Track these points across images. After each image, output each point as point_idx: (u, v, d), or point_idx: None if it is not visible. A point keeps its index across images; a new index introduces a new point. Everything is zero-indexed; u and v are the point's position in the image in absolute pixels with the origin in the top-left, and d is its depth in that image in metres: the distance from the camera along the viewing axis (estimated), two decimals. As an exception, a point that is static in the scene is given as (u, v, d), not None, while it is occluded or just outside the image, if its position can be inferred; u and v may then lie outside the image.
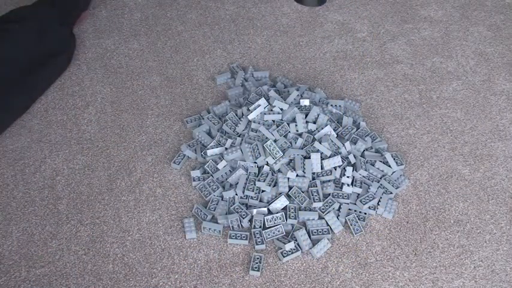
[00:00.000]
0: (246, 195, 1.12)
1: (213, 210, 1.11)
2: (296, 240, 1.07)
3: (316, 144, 1.15)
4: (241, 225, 1.09)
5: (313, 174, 1.15)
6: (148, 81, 1.40)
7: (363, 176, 1.17)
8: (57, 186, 1.16)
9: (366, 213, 1.12)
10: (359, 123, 1.27)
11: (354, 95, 1.40)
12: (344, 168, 1.16)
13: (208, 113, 1.31)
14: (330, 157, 1.16)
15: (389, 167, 1.19)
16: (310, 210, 1.11)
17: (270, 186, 1.12)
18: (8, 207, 1.12)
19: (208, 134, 1.26)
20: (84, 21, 1.55)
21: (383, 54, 1.52)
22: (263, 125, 1.19)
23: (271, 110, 1.21)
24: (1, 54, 1.27)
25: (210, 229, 1.08)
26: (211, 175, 1.16)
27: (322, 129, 1.19)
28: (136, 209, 1.13)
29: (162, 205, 1.13)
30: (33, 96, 1.31)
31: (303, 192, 1.13)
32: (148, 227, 1.09)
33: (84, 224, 1.09)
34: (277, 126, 1.18)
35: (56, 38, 1.38)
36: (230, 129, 1.21)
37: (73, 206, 1.12)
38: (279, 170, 1.14)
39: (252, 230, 1.08)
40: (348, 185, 1.14)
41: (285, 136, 1.18)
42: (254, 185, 1.12)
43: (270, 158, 1.13)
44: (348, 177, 1.15)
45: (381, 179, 1.17)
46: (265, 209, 1.10)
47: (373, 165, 1.19)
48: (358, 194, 1.15)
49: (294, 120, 1.21)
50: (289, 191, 1.13)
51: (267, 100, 1.25)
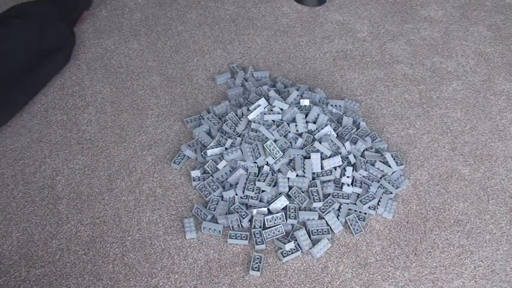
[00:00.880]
0: (246, 195, 1.12)
1: (213, 210, 1.11)
2: (296, 240, 1.07)
3: (316, 144, 1.15)
4: (241, 225, 1.09)
5: (313, 174, 1.15)
6: (148, 81, 1.40)
7: (363, 176, 1.17)
8: (57, 186, 1.16)
9: (365, 213, 1.12)
10: (359, 123, 1.27)
11: (354, 95, 1.40)
12: (344, 168, 1.16)
13: (208, 113, 1.31)
14: (329, 157, 1.16)
15: (389, 167, 1.19)
16: (310, 210, 1.11)
17: (270, 186, 1.12)
18: (8, 207, 1.12)
19: (208, 134, 1.26)
20: (84, 21, 1.55)
21: (383, 54, 1.52)
22: (263, 125, 1.19)
23: (271, 110, 1.21)
24: (2, 50, 1.28)
25: (210, 229, 1.08)
26: (211, 175, 1.16)
27: (322, 129, 1.19)
28: (136, 209, 1.13)
29: (162, 205, 1.13)
30: (32, 93, 1.32)
31: (302, 192, 1.13)
32: (148, 227, 1.09)
33: (84, 224, 1.09)
34: (277, 127, 1.18)
35: (56, 35, 1.38)
36: (230, 129, 1.21)
37: (73, 206, 1.12)
38: (279, 170, 1.15)
39: (252, 230, 1.08)
40: (348, 185, 1.14)
41: (285, 136, 1.18)
42: (254, 185, 1.12)
43: (270, 158, 1.13)
44: (348, 177, 1.15)
45: (381, 179, 1.17)
46: (265, 209, 1.10)
47: (373, 165, 1.19)
48: (358, 194, 1.15)
49: (294, 120, 1.21)
50: (289, 191, 1.13)
51: (267, 100, 1.25)
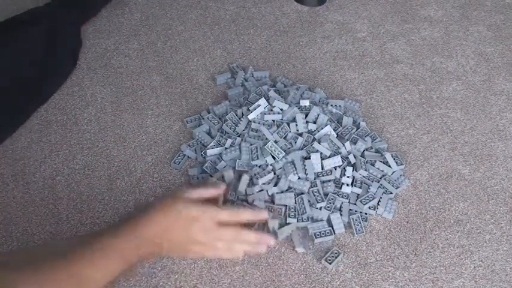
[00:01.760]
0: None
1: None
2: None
3: (315, 144, 1.15)
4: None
5: (314, 174, 1.15)
6: (148, 81, 1.40)
7: (363, 176, 1.17)
8: (57, 186, 1.16)
9: (366, 214, 1.12)
10: (359, 123, 1.27)
11: (354, 95, 1.40)
12: (344, 168, 1.16)
13: (208, 113, 1.31)
14: (329, 157, 1.16)
15: (390, 167, 1.19)
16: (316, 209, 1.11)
17: (269, 184, 1.12)
18: (8, 207, 1.12)
19: (208, 134, 1.26)
20: (85, 21, 1.55)
21: (383, 54, 1.52)
22: (263, 125, 1.19)
23: (271, 110, 1.21)
24: (12, 55, 1.26)
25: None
26: (210, 175, 1.16)
27: (322, 129, 1.19)
28: (136, 209, 1.13)
29: (162, 205, 1.13)
30: (43, 100, 1.31)
31: (303, 193, 1.13)
32: (148, 227, 1.09)
33: (84, 224, 1.09)
34: (278, 127, 1.18)
35: (67, 39, 1.39)
36: (230, 129, 1.21)
37: (73, 206, 1.12)
38: (283, 170, 1.14)
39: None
40: (348, 184, 1.14)
41: (284, 138, 1.18)
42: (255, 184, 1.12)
43: (270, 158, 1.13)
44: (348, 177, 1.15)
45: (381, 179, 1.17)
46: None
47: (373, 165, 1.19)
48: (358, 194, 1.15)
49: (294, 120, 1.21)
50: (288, 190, 1.13)
51: (267, 100, 1.25)
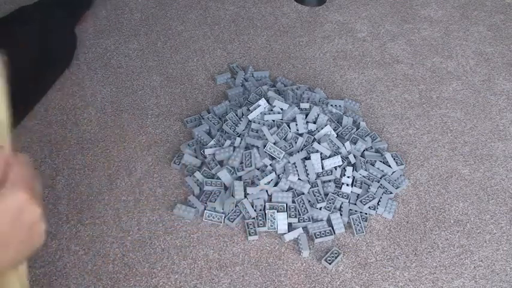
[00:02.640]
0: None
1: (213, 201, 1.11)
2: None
3: (315, 144, 1.15)
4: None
5: (315, 174, 1.15)
6: (148, 81, 1.40)
7: (363, 176, 1.17)
8: (57, 186, 1.16)
9: (366, 214, 1.12)
10: (359, 123, 1.27)
11: (354, 95, 1.40)
12: (344, 168, 1.16)
13: (208, 113, 1.31)
14: (329, 157, 1.16)
15: (390, 167, 1.19)
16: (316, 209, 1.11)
17: (269, 184, 1.12)
18: (8, 207, 1.12)
19: (208, 133, 1.26)
20: (87, 21, 1.55)
21: (383, 54, 1.52)
22: (263, 125, 1.19)
23: (271, 110, 1.21)
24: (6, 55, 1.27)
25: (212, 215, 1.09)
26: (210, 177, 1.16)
27: (322, 129, 1.19)
28: (136, 209, 1.13)
29: (162, 205, 1.13)
30: (36, 99, 1.31)
31: (303, 194, 1.13)
32: (148, 227, 1.09)
33: (84, 224, 1.09)
34: (278, 127, 1.18)
35: (60, 38, 1.38)
36: (230, 129, 1.21)
37: (73, 206, 1.12)
38: (283, 170, 1.14)
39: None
40: (348, 184, 1.14)
41: (284, 139, 1.17)
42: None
43: (267, 160, 1.13)
44: (348, 177, 1.15)
45: (381, 179, 1.17)
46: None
47: (373, 165, 1.19)
48: (358, 194, 1.15)
49: (294, 119, 1.21)
50: (288, 190, 1.13)
51: (267, 100, 1.25)
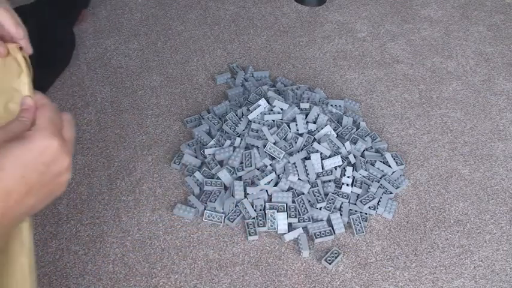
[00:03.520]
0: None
1: (213, 202, 1.11)
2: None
3: (315, 144, 1.15)
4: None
5: (315, 174, 1.15)
6: (148, 81, 1.40)
7: (363, 176, 1.17)
8: (57, 186, 1.16)
9: (366, 214, 1.12)
10: (359, 123, 1.27)
11: (354, 95, 1.40)
12: (344, 168, 1.16)
13: (208, 113, 1.31)
14: (329, 157, 1.16)
15: (390, 167, 1.19)
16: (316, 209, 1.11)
17: (269, 184, 1.12)
18: (8, 207, 1.12)
19: (208, 133, 1.26)
20: (85, 20, 1.55)
21: (383, 54, 1.52)
22: (264, 125, 1.19)
23: (271, 110, 1.21)
24: None
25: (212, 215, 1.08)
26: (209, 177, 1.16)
27: (322, 129, 1.19)
28: (137, 209, 1.13)
29: (162, 205, 1.13)
30: None
31: (303, 194, 1.13)
32: (148, 227, 1.09)
33: (84, 224, 1.09)
34: (278, 127, 1.18)
35: (57, 37, 1.38)
36: (230, 129, 1.21)
37: (73, 206, 1.12)
38: (283, 170, 1.14)
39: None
40: (348, 184, 1.14)
41: (284, 139, 1.17)
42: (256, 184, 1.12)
43: (267, 160, 1.13)
44: (348, 177, 1.15)
45: (381, 179, 1.17)
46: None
47: (373, 165, 1.19)
48: (358, 194, 1.15)
49: (294, 119, 1.21)
50: (288, 190, 1.13)
51: (267, 100, 1.25)
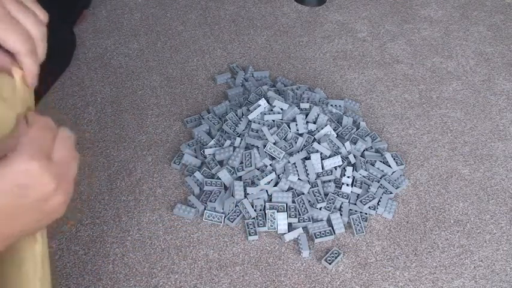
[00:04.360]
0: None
1: (213, 202, 1.11)
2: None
3: (315, 144, 1.15)
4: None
5: (315, 174, 1.15)
6: (148, 81, 1.40)
7: (363, 176, 1.17)
8: (57, 186, 1.16)
9: (366, 214, 1.12)
10: (359, 123, 1.27)
11: (354, 95, 1.40)
12: (344, 168, 1.16)
13: (208, 113, 1.31)
14: (329, 157, 1.16)
15: (390, 167, 1.19)
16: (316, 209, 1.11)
17: (269, 184, 1.12)
18: (8, 207, 1.12)
19: (208, 133, 1.26)
20: (84, 21, 1.55)
21: (383, 54, 1.52)
22: (264, 125, 1.19)
23: (271, 110, 1.21)
24: None
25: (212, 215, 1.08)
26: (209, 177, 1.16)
27: (322, 129, 1.19)
28: (137, 209, 1.13)
29: (162, 205, 1.13)
30: (35, 99, 1.31)
31: (303, 194, 1.13)
32: (148, 227, 1.10)
33: (84, 224, 1.09)
34: (278, 127, 1.18)
35: (57, 38, 1.38)
36: (230, 129, 1.21)
37: (73, 206, 1.12)
38: (283, 170, 1.14)
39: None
40: (348, 184, 1.14)
41: (284, 139, 1.17)
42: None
43: (267, 160, 1.13)
44: (348, 177, 1.15)
45: (381, 179, 1.17)
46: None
47: (373, 165, 1.19)
48: (358, 194, 1.15)
49: (294, 119, 1.21)
50: (288, 190, 1.13)
51: (267, 100, 1.25)
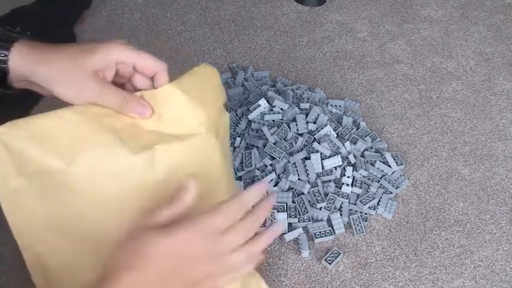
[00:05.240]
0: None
1: None
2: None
3: (315, 144, 1.15)
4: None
5: (315, 174, 1.15)
6: (148, 81, 1.40)
7: (363, 176, 1.17)
8: (57, 186, 1.16)
9: (366, 214, 1.12)
10: (359, 123, 1.27)
11: (354, 95, 1.40)
12: (344, 168, 1.16)
13: (208, 113, 1.31)
14: (329, 157, 1.16)
15: (390, 167, 1.19)
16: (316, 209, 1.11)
17: (270, 183, 1.12)
18: (8, 207, 1.11)
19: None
20: (85, 21, 1.55)
21: (383, 54, 1.52)
22: (264, 125, 1.19)
23: (271, 110, 1.21)
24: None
25: None
26: None
27: (322, 129, 1.19)
28: (137, 209, 1.12)
29: (162, 205, 1.13)
30: (36, 100, 1.31)
31: (303, 194, 1.13)
32: (148, 227, 1.09)
33: (84, 224, 1.09)
34: (278, 127, 1.18)
35: (57, 39, 1.38)
36: (230, 129, 1.21)
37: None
38: (283, 170, 1.14)
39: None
40: (348, 184, 1.14)
41: (284, 139, 1.18)
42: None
43: (267, 160, 1.13)
44: (348, 177, 1.15)
45: (381, 179, 1.17)
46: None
47: (373, 165, 1.19)
48: (358, 194, 1.15)
49: (294, 119, 1.21)
50: (288, 190, 1.13)
51: (267, 100, 1.25)
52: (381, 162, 1.19)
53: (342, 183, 1.15)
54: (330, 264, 1.04)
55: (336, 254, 1.05)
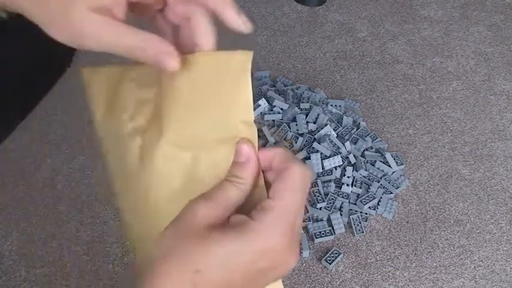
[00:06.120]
0: None
1: None
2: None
3: (315, 144, 1.15)
4: None
5: (315, 174, 1.15)
6: (148, 81, 1.40)
7: (363, 176, 1.17)
8: (57, 186, 1.16)
9: (366, 213, 1.12)
10: (359, 123, 1.27)
11: (354, 95, 1.40)
12: (344, 168, 1.16)
13: (208, 113, 1.31)
14: (329, 157, 1.16)
15: (390, 167, 1.19)
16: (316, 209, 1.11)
17: None
18: (8, 207, 1.12)
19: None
20: None
21: (383, 54, 1.52)
22: (264, 125, 1.19)
23: (271, 110, 1.21)
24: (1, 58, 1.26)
25: None
26: None
27: (322, 129, 1.19)
28: (137, 209, 1.12)
29: (162, 205, 1.13)
30: (36, 100, 1.31)
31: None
32: (149, 227, 1.09)
33: (84, 224, 1.09)
34: (278, 127, 1.18)
35: (57, 39, 1.37)
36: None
37: (73, 206, 1.12)
38: None
39: None
40: (348, 184, 1.14)
41: (284, 139, 1.18)
42: None
43: None
44: (349, 177, 1.15)
45: (381, 179, 1.17)
46: None
47: (373, 165, 1.19)
48: (358, 194, 1.15)
49: (294, 119, 1.21)
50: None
51: (267, 100, 1.25)
52: (381, 162, 1.19)
53: (342, 183, 1.15)
54: (330, 264, 1.04)
55: (336, 254, 1.05)
